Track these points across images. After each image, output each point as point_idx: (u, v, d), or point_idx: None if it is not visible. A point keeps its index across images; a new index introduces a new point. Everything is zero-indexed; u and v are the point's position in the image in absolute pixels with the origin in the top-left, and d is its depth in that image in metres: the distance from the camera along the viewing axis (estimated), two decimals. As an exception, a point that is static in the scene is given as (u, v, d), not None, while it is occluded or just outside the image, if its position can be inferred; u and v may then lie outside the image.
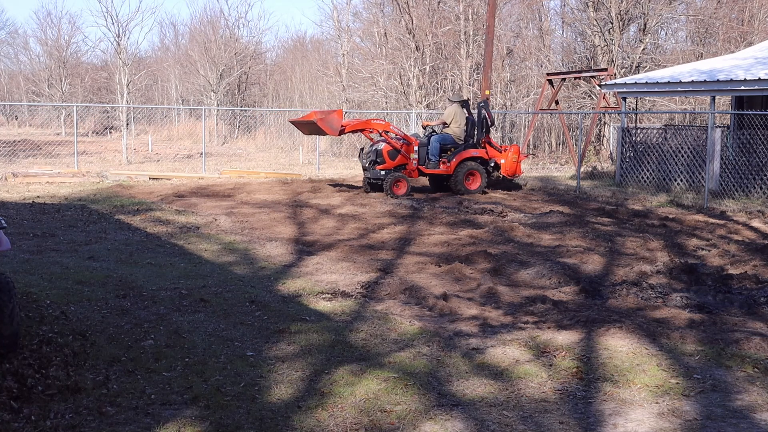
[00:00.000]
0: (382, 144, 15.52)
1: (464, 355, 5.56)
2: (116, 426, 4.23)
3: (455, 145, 16.00)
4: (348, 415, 4.46)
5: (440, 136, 15.96)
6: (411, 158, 15.64)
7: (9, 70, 60.77)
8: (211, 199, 14.52)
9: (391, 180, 15.09)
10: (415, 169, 15.71)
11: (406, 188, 15.14)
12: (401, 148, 15.49)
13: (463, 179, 15.76)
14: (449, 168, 15.77)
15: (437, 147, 15.77)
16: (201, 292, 7.16)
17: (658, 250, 9.86)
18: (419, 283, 7.84)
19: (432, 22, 31.53)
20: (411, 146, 15.61)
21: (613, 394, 4.86)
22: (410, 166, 15.65)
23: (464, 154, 15.85)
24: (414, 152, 15.62)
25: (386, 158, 15.42)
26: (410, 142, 15.64)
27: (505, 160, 16.29)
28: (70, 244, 9.55)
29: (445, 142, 15.92)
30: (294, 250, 9.59)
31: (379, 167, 15.45)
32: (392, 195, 14.91)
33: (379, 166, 15.47)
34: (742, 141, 16.23)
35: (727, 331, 6.18)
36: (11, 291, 5.01)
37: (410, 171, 15.65)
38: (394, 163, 15.45)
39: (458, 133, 16.04)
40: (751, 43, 27.67)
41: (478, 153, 16.02)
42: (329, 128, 14.93)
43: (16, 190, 15.29)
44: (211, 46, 42.23)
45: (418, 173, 15.82)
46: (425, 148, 15.77)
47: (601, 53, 30.75)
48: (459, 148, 15.96)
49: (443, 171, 15.82)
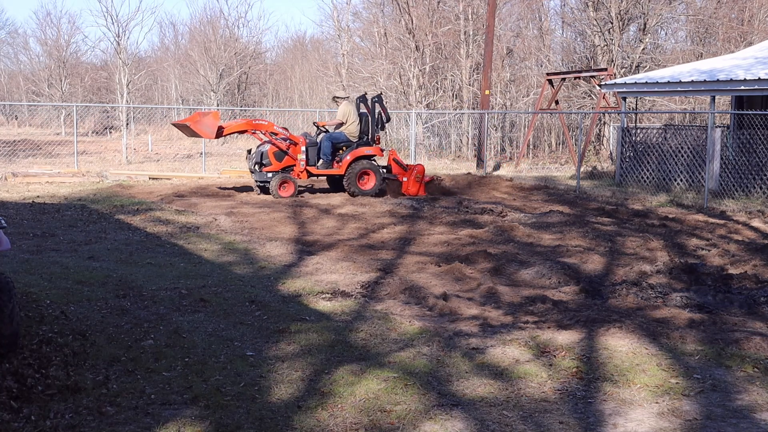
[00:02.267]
0: (267, 145, 14.91)
1: (464, 355, 5.56)
2: (116, 426, 4.23)
3: (348, 144, 15.25)
4: (348, 415, 4.46)
5: (332, 134, 15.27)
6: (298, 159, 14.90)
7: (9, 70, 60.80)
8: (211, 199, 14.52)
9: (277, 182, 14.48)
10: (304, 170, 14.97)
11: (293, 190, 14.54)
12: (287, 149, 14.82)
13: (356, 179, 14.97)
14: (341, 167, 15.03)
15: (329, 146, 15.08)
16: (201, 292, 7.16)
17: (658, 250, 9.86)
18: (419, 283, 7.84)
19: (432, 21, 31.53)
20: (298, 146, 14.88)
21: (613, 394, 4.86)
22: (298, 167, 14.92)
23: (357, 153, 15.09)
24: (301, 153, 14.88)
25: (272, 160, 14.77)
26: (297, 142, 14.92)
27: (408, 179, 15.43)
28: (70, 244, 9.55)
29: (337, 140, 15.22)
30: (294, 250, 9.59)
31: (266, 169, 14.80)
32: (278, 197, 14.32)
33: (265, 168, 14.82)
34: (742, 141, 16.23)
35: (727, 331, 6.18)
36: (11, 291, 5.01)
37: (298, 172, 14.95)
38: (281, 165, 14.80)
39: (352, 130, 15.27)
40: (751, 43, 27.67)
41: (372, 151, 15.26)
42: (204, 131, 14.30)
43: (16, 190, 15.28)
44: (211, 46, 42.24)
45: (307, 174, 15.10)
46: (315, 147, 15.07)
47: (601, 53, 30.76)
48: (352, 146, 15.22)
49: (335, 171, 15.11)
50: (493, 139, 29.99)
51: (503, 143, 31.42)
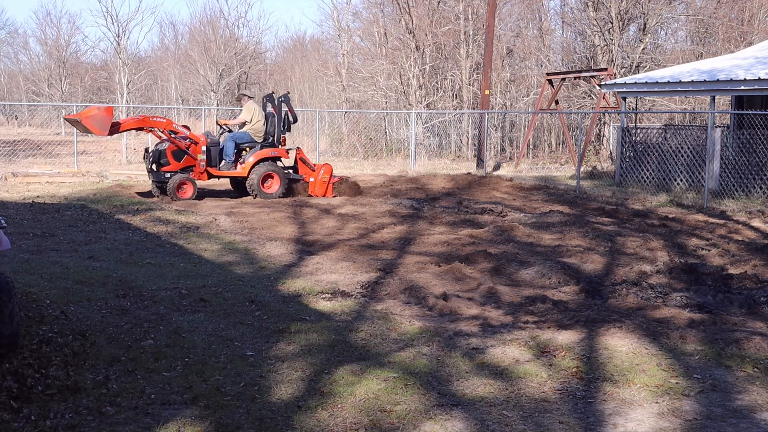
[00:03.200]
0: (166, 144, 14.24)
1: (464, 355, 5.56)
2: (116, 426, 4.22)
3: (253, 145, 14.68)
4: (348, 415, 4.46)
5: (236, 134, 14.68)
6: (198, 159, 14.24)
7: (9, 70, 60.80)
8: (211, 199, 14.52)
9: (175, 183, 13.91)
10: (204, 171, 14.34)
11: (192, 191, 14.01)
12: (187, 148, 14.20)
13: (260, 182, 14.38)
14: (244, 169, 14.42)
15: (232, 146, 14.51)
16: (201, 292, 7.16)
17: (659, 250, 9.86)
18: (419, 283, 7.84)
19: (432, 21, 31.53)
20: (198, 146, 14.25)
21: (613, 394, 4.86)
22: (198, 167, 14.29)
23: (261, 154, 14.50)
24: (202, 153, 14.23)
25: (170, 159, 14.15)
26: (197, 141, 14.27)
27: (315, 179, 14.87)
28: (70, 244, 9.55)
29: (241, 141, 14.63)
30: (294, 250, 9.59)
31: (164, 169, 14.15)
32: (176, 199, 13.80)
33: (164, 167, 14.16)
34: (742, 141, 16.23)
35: (727, 331, 6.17)
36: (11, 291, 5.01)
37: (199, 173, 14.33)
38: (180, 165, 14.19)
39: (257, 130, 14.70)
40: (751, 43, 27.67)
41: (277, 153, 14.70)
42: (96, 127, 13.39)
43: (16, 190, 15.28)
44: (210, 46, 42.26)
45: (207, 175, 14.46)
46: (217, 147, 14.50)
47: (601, 53, 30.76)
48: (256, 147, 14.65)
49: (237, 173, 14.53)
50: (493, 139, 29.99)
51: (503, 143, 31.42)
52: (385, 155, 27.07)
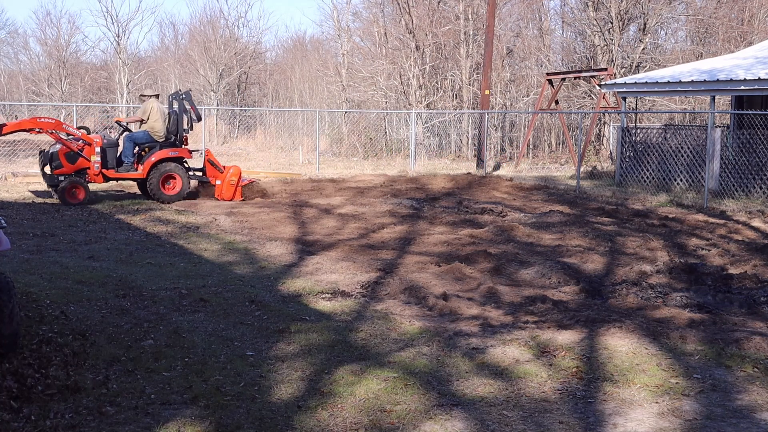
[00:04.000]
0: (59, 145, 13.57)
1: (464, 355, 5.56)
2: (116, 426, 4.22)
3: (153, 145, 14.00)
4: (348, 415, 4.46)
5: (134, 134, 13.99)
6: (92, 161, 13.56)
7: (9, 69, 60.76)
8: (211, 199, 14.51)
9: (65, 186, 13.24)
10: (99, 174, 13.65)
11: (83, 195, 13.33)
12: (80, 150, 13.54)
13: (160, 183, 13.73)
14: (143, 171, 13.76)
15: (131, 147, 13.86)
16: (201, 292, 7.16)
17: (659, 250, 9.86)
18: (419, 283, 7.84)
19: (432, 21, 31.53)
20: (92, 147, 13.56)
21: (613, 394, 4.86)
22: (92, 170, 13.58)
23: (161, 155, 13.81)
24: (96, 154, 13.55)
25: (63, 161, 13.44)
26: (90, 142, 13.59)
27: (222, 182, 14.25)
28: (70, 244, 9.55)
29: (140, 141, 13.95)
30: (294, 250, 9.58)
31: (58, 172, 13.46)
32: (67, 203, 13.14)
33: (57, 170, 13.47)
34: (742, 141, 16.23)
35: (727, 331, 6.17)
36: (11, 291, 5.01)
37: (93, 175, 13.64)
38: (74, 167, 13.49)
39: (156, 129, 13.97)
40: (751, 43, 27.68)
41: (178, 153, 14.01)
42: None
43: (16, 190, 15.28)
44: (210, 46, 42.26)
45: (102, 178, 13.77)
46: (114, 148, 13.85)
47: (601, 53, 30.76)
48: (155, 147, 13.98)
49: (136, 175, 13.85)
50: (493, 139, 30.00)
51: (503, 143, 31.42)
52: (385, 155, 27.07)
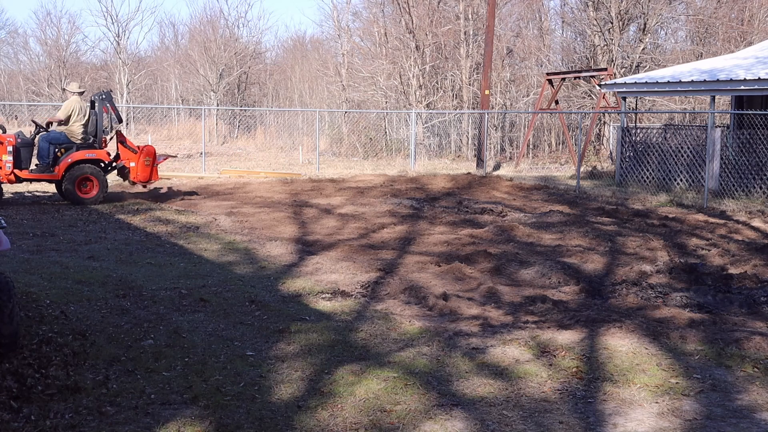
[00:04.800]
0: None
1: (464, 355, 5.56)
2: (116, 426, 4.22)
3: (70, 146, 13.50)
4: (348, 415, 4.46)
5: (50, 134, 13.47)
6: (4, 161, 13.11)
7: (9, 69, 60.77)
8: (211, 199, 14.51)
9: None
10: (11, 174, 13.17)
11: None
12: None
13: (76, 186, 13.26)
14: (58, 172, 13.30)
15: (46, 147, 13.37)
16: (201, 292, 7.16)
17: (659, 250, 9.86)
18: (420, 283, 7.84)
19: (432, 21, 31.53)
20: (3, 146, 13.11)
21: (613, 394, 4.86)
22: (3, 170, 13.13)
23: (76, 156, 13.34)
24: (7, 153, 13.07)
25: None
26: (2, 141, 13.16)
27: (136, 164, 13.72)
28: (70, 244, 9.55)
29: (56, 141, 13.45)
30: (294, 250, 9.58)
31: None
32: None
33: None
34: (742, 140, 16.23)
35: (727, 331, 6.17)
36: (11, 291, 5.00)
37: (5, 175, 13.17)
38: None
39: (74, 131, 13.49)
40: (751, 43, 27.68)
41: (96, 155, 13.51)
42: None
43: (16, 190, 15.27)
44: (210, 46, 42.25)
45: (15, 178, 13.27)
46: (29, 148, 13.44)
47: (601, 53, 30.76)
48: (72, 149, 13.48)
49: (50, 176, 13.36)
50: (493, 139, 29.99)
51: (503, 143, 31.42)
52: (385, 155, 27.07)
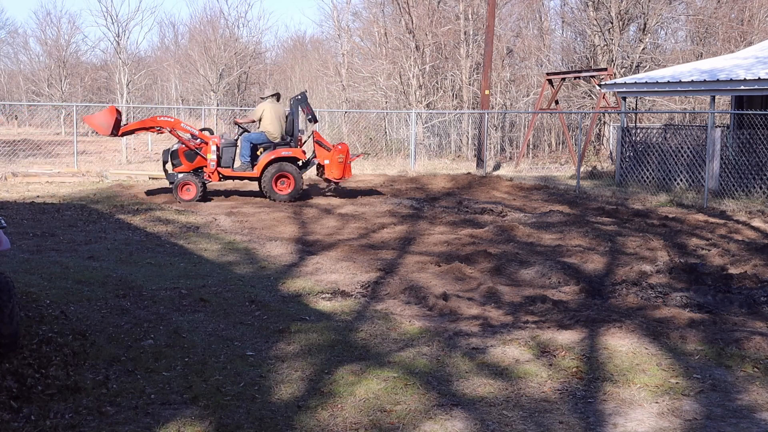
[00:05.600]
0: (179, 144, 14.27)
1: (465, 355, 5.56)
2: (116, 426, 4.22)
3: (268, 145, 14.42)
4: (348, 415, 4.46)
5: (251, 135, 14.47)
6: (209, 159, 14.10)
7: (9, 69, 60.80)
8: (212, 199, 14.51)
9: (179, 183, 13.80)
10: (215, 172, 14.19)
11: (195, 193, 13.80)
12: (198, 149, 14.13)
13: (273, 182, 14.12)
14: (257, 170, 14.19)
15: (248, 147, 14.33)
16: (201, 292, 7.16)
17: (659, 250, 9.86)
18: (420, 283, 7.84)
19: (432, 21, 31.54)
20: (208, 146, 14.13)
21: (613, 394, 4.86)
22: (208, 168, 14.13)
23: (273, 154, 14.19)
24: (212, 152, 14.10)
25: (182, 160, 14.11)
26: (207, 141, 14.17)
27: (330, 161, 14.50)
28: (70, 244, 9.55)
29: (256, 141, 14.40)
30: (294, 250, 9.58)
31: (177, 170, 14.12)
32: (180, 200, 13.65)
33: (176, 168, 14.14)
34: (742, 140, 16.23)
35: (727, 331, 6.17)
36: (11, 291, 5.00)
37: (209, 173, 14.17)
38: (192, 165, 14.12)
39: (270, 131, 14.38)
40: (751, 43, 27.68)
41: (292, 153, 14.33)
42: (99, 127, 13.39)
43: (16, 190, 15.28)
44: (210, 46, 42.25)
45: (218, 176, 14.27)
46: (231, 148, 14.36)
47: (600, 53, 30.76)
48: (270, 147, 14.39)
49: (249, 173, 14.27)
50: (493, 139, 29.99)
51: (503, 143, 31.42)
52: (385, 155, 27.06)
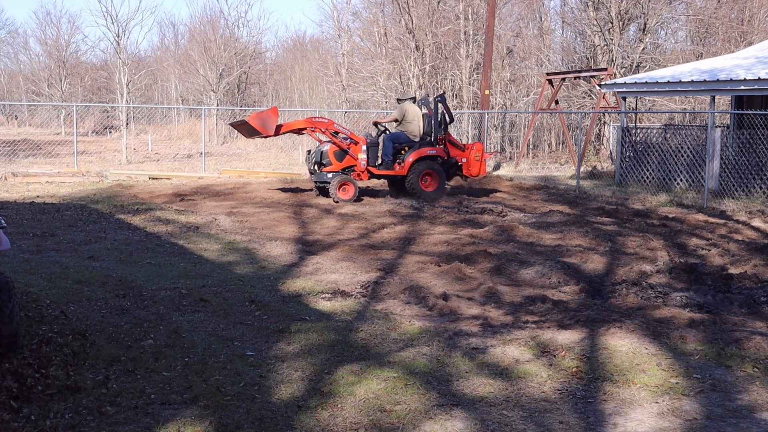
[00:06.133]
0: (327, 145, 14.56)
1: (465, 355, 5.56)
2: (116, 426, 4.22)
3: (410, 144, 14.83)
4: (348, 415, 4.45)
5: (393, 134, 14.87)
6: (359, 159, 14.50)
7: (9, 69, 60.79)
8: (211, 199, 14.51)
9: (337, 183, 14.06)
10: (365, 171, 14.58)
11: (353, 192, 14.14)
12: (348, 148, 14.48)
13: (419, 180, 14.54)
14: (403, 168, 14.63)
15: (390, 146, 14.68)
16: (201, 292, 7.16)
17: (659, 250, 9.85)
18: (420, 283, 7.84)
19: (432, 21, 31.53)
20: (359, 146, 14.49)
21: (613, 394, 4.86)
22: (359, 167, 14.53)
23: (419, 153, 14.66)
24: (362, 152, 14.47)
25: (332, 160, 14.43)
26: (357, 141, 14.55)
27: (468, 159, 15.08)
28: (70, 244, 9.55)
29: (398, 140, 14.80)
30: (295, 250, 9.58)
31: (326, 170, 14.43)
32: (338, 199, 13.93)
33: (325, 168, 14.46)
34: (742, 140, 16.23)
35: (727, 331, 6.17)
36: (11, 291, 5.00)
37: (359, 173, 14.58)
38: (341, 165, 14.46)
39: (413, 130, 14.83)
40: (751, 43, 27.67)
41: (436, 152, 14.82)
42: (263, 128, 13.84)
43: (16, 190, 15.28)
44: (210, 46, 42.22)
45: (368, 175, 14.70)
46: (376, 147, 14.70)
47: (600, 53, 30.75)
48: (414, 146, 14.80)
49: (396, 172, 14.69)
50: (493, 139, 29.99)
51: (503, 143, 31.41)
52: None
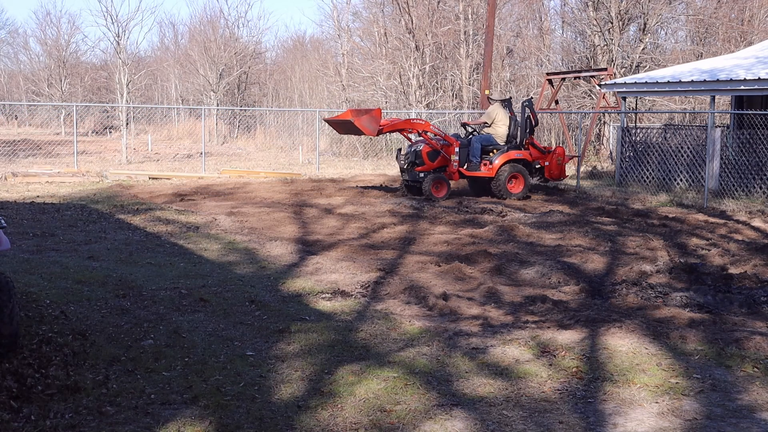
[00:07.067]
0: (421, 145, 15.04)
1: (465, 355, 5.56)
2: (116, 426, 4.22)
3: (497, 147, 15.36)
4: (348, 415, 4.45)
5: (482, 136, 15.37)
6: (452, 160, 15.07)
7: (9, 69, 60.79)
8: (211, 199, 14.51)
9: (431, 181, 14.62)
10: (456, 171, 15.14)
11: (446, 191, 14.75)
12: (441, 149, 14.99)
13: (506, 182, 15.08)
14: (491, 170, 15.10)
15: (479, 148, 15.19)
16: (201, 292, 7.16)
17: (659, 250, 9.86)
18: (420, 283, 7.84)
19: (432, 21, 31.52)
20: (452, 147, 15.05)
21: (613, 394, 4.86)
22: (451, 167, 15.09)
23: (507, 156, 15.17)
24: (455, 153, 15.05)
25: (425, 159, 14.91)
26: (451, 142, 15.08)
27: (550, 163, 15.69)
28: (70, 244, 9.55)
29: (486, 143, 15.31)
30: (295, 250, 9.58)
31: (418, 169, 14.95)
32: (432, 198, 14.45)
33: (418, 167, 14.96)
34: (742, 140, 16.23)
35: (727, 331, 6.17)
36: (11, 291, 5.00)
37: (451, 173, 15.11)
38: (433, 165, 14.96)
39: (501, 133, 15.40)
40: (751, 43, 27.67)
41: (522, 155, 15.35)
42: (366, 128, 14.26)
43: (16, 190, 15.28)
44: (210, 46, 42.21)
45: (459, 175, 15.25)
46: (466, 149, 15.19)
47: (600, 53, 30.74)
48: (501, 149, 15.31)
49: (485, 173, 15.18)
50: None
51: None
52: (385, 155, 27.07)
